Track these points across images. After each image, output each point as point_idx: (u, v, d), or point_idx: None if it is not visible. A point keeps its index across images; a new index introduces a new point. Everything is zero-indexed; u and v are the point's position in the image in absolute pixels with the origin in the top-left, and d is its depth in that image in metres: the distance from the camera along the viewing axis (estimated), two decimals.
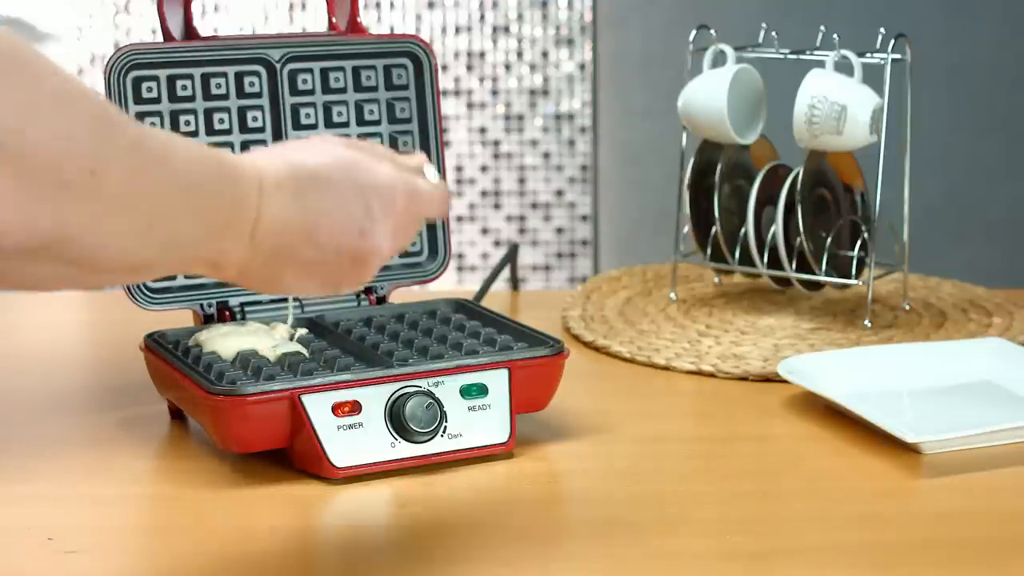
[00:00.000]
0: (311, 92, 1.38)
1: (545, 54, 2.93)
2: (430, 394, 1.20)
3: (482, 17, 2.91)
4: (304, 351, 1.26)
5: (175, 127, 1.33)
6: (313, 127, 1.38)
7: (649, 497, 1.17)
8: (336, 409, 1.17)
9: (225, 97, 1.35)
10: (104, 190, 0.83)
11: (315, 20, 2.88)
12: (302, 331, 1.32)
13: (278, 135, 1.37)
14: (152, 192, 0.86)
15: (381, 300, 1.39)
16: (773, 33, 1.60)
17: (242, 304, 1.35)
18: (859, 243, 1.56)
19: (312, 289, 1.00)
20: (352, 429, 1.18)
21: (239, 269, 0.96)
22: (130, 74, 1.31)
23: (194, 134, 1.34)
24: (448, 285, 2.42)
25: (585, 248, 2.98)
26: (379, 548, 1.11)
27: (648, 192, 2.92)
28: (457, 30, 2.91)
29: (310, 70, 1.38)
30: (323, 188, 0.98)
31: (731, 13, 2.17)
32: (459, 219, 2.94)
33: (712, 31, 1.61)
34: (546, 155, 2.95)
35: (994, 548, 1.09)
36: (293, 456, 1.19)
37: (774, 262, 1.58)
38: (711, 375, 1.44)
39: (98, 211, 0.83)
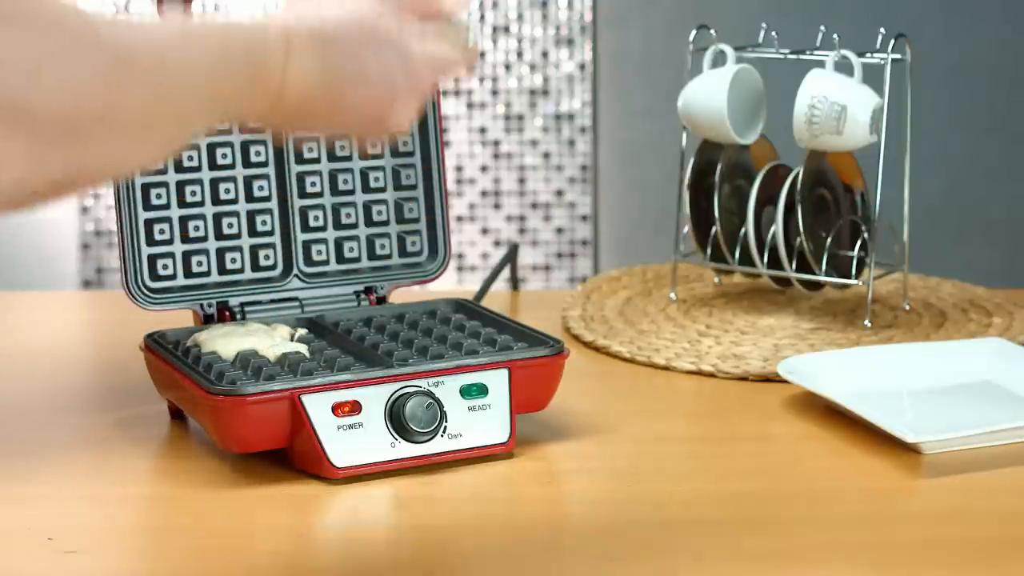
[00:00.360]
0: None
1: (545, 54, 2.94)
2: (430, 394, 1.20)
3: (482, 17, 2.91)
4: (304, 351, 1.26)
5: None
6: None
7: (649, 497, 1.17)
8: (336, 409, 1.17)
9: None
10: (115, 130, 0.81)
11: None
12: (302, 331, 1.32)
13: (278, 135, 1.36)
14: (167, 114, 0.84)
15: (381, 300, 1.39)
16: (773, 33, 1.60)
17: (242, 304, 1.34)
18: (859, 243, 1.56)
19: (328, 135, 0.99)
20: (352, 429, 1.18)
21: (260, 120, 0.95)
22: None
23: None
24: (448, 285, 2.42)
25: (585, 248, 2.98)
26: (379, 548, 1.11)
27: (648, 192, 2.92)
28: None
29: None
30: (351, 59, 0.96)
31: (731, 13, 2.17)
32: (459, 219, 2.94)
33: (712, 31, 1.61)
34: (546, 155, 2.96)
35: (994, 548, 1.09)
36: (293, 456, 1.19)
37: (774, 262, 1.58)
38: (711, 375, 1.44)
39: (110, 149, 0.82)
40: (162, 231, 1.32)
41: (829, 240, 1.55)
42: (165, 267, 1.33)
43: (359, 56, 0.97)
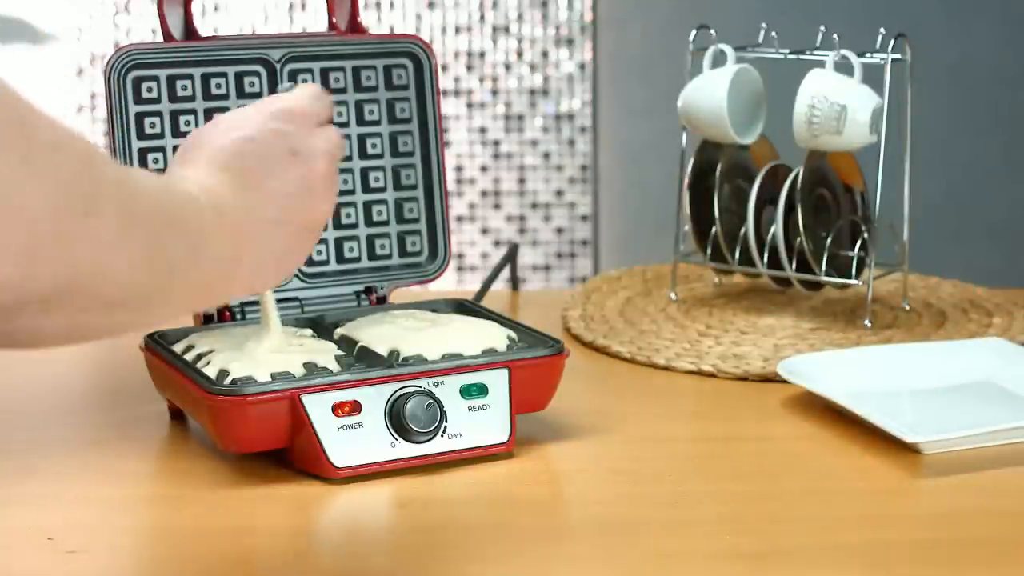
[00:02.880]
0: None
1: (545, 54, 2.93)
2: (430, 394, 1.20)
3: (482, 17, 2.91)
4: (304, 352, 1.26)
5: (175, 127, 1.33)
6: None
7: (649, 497, 1.17)
8: (336, 409, 1.17)
9: (225, 97, 1.35)
10: (100, 230, 0.82)
11: (315, 20, 2.88)
12: (304, 331, 1.31)
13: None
14: (142, 223, 0.86)
15: (381, 300, 1.39)
16: (773, 33, 1.60)
17: (242, 304, 1.34)
18: (859, 243, 1.56)
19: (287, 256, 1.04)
20: (352, 429, 1.18)
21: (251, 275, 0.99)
22: (130, 74, 1.31)
23: None
24: (448, 285, 2.42)
25: (585, 248, 2.98)
26: (379, 548, 1.11)
27: (648, 192, 2.92)
28: (457, 30, 2.91)
29: (310, 70, 1.38)
30: (260, 182, 1.01)
31: (731, 13, 2.17)
32: (459, 219, 2.94)
33: (712, 31, 1.61)
34: (546, 155, 2.96)
35: (994, 548, 1.09)
36: (293, 456, 1.19)
37: (774, 262, 1.58)
38: (711, 375, 1.44)
39: (96, 251, 0.83)
40: None
41: (829, 240, 1.55)
42: None
43: (265, 176, 1.02)
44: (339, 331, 1.31)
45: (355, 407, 1.18)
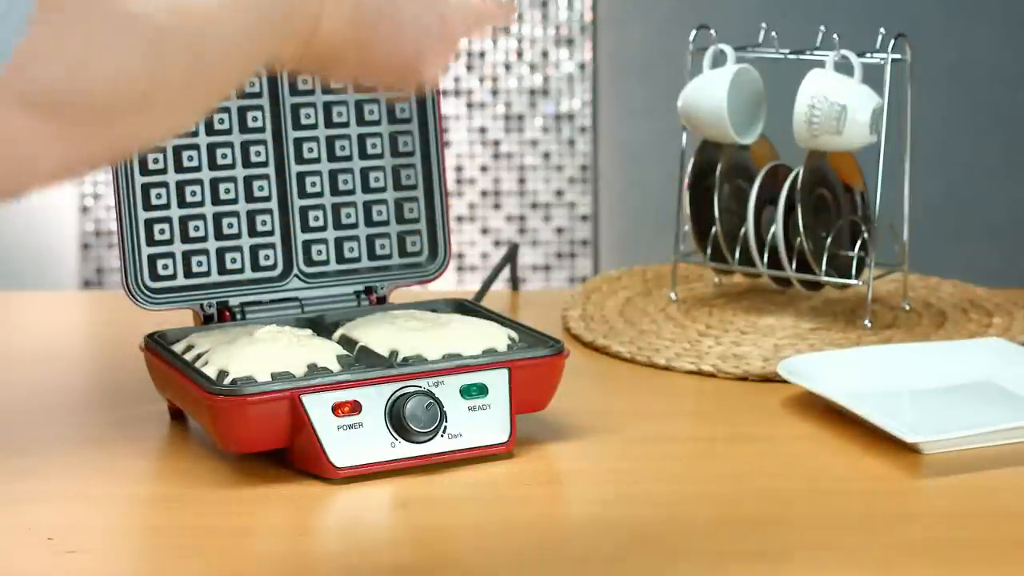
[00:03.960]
0: (311, 92, 1.38)
1: (545, 54, 2.93)
2: (430, 394, 1.20)
3: None
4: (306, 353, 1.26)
5: None
6: (313, 127, 1.38)
7: (649, 497, 1.17)
8: (336, 409, 1.18)
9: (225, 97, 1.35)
10: (157, 106, 0.79)
11: None
12: (304, 331, 1.31)
13: (278, 135, 1.36)
14: (205, 81, 0.82)
15: (381, 300, 1.39)
16: (773, 33, 1.60)
17: (242, 304, 1.34)
18: (859, 243, 1.56)
19: (356, 82, 0.98)
20: (352, 429, 1.18)
21: (287, 65, 0.93)
22: None
23: (194, 134, 1.34)
24: (448, 285, 2.42)
25: (585, 248, 2.98)
26: (379, 548, 1.11)
27: (648, 192, 2.92)
28: None
29: None
30: (384, 4, 0.94)
31: (731, 13, 2.17)
32: (459, 219, 2.94)
33: (712, 31, 1.61)
34: (546, 155, 2.96)
35: (994, 548, 1.09)
36: (293, 456, 1.19)
37: (774, 262, 1.58)
38: (711, 375, 1.44)
39: (151, 123, 0.79)
40: (162, 231, 1.32)
41: (829, 240, 1.55)
42: (165, 267, 1.33)
43: (393, 2, 0.95)
44: (339, 331, 1.31)
45: (355, 407, 1.18)
